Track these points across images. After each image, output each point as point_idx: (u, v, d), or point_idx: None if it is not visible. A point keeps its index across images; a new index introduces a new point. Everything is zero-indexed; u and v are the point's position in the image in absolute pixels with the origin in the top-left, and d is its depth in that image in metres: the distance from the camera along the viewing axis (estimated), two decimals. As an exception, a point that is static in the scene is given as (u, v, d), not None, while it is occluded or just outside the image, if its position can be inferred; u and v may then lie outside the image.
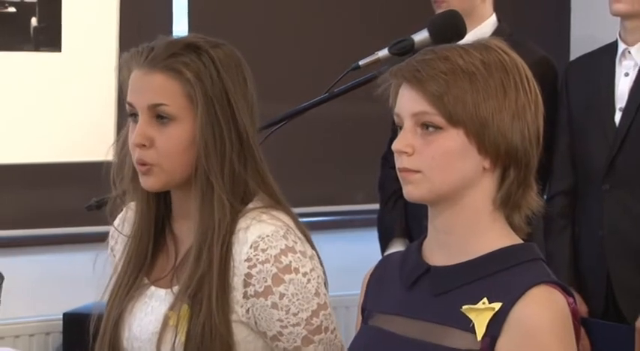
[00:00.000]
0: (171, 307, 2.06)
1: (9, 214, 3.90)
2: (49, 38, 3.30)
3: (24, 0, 3.24)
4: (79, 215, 3.02)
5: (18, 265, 3.74)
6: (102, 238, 3.39)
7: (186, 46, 2.07)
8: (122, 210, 2.22)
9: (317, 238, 2.17)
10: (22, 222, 3.98)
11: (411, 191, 1.87)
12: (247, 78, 2.11)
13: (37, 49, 3.29)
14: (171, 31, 4.04)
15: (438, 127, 1.84)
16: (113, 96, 3.34)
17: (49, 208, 3.96)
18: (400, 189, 1.88)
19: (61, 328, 3.92)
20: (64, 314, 3.91)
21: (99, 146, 3.34)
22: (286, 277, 2.03)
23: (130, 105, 2.08)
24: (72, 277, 3.90)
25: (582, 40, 4.39)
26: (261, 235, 2.04)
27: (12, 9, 3.24)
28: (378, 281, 2.01)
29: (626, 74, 3.56)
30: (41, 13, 3.28)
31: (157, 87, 2.06)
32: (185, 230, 2.12)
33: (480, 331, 1.79)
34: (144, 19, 3.73)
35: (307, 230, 2.13)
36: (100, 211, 2.80)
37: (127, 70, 2.10)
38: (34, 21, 3.28)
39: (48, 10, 3.28)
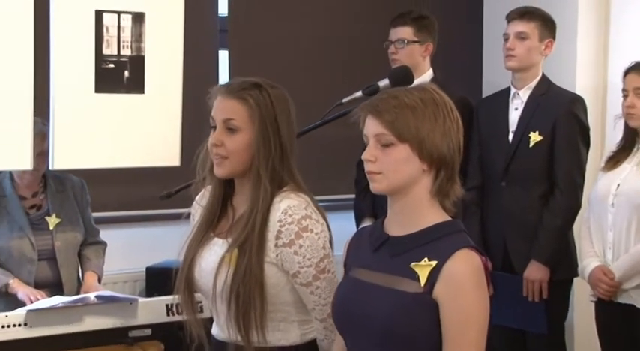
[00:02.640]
0: (227, 251, 2.05)
1: (110, 201, 3.88)
2: (136, 85, 3.27)
3: (120, 59, 3.22)
4: (154, 202, 2.99)
5: (115, 236, 3.71)
6: (171, 217, 3.35)
7: (252, 84, 2.09)
8: (201, 191, 2.23)
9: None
10: (118, 206, 3.96)
11: (376, 186, 1.85)
12: (290, 109, 2.11)
13: (128, 92, 3.26)
14: (217, 81, 4.04)
15: (391, 144, 1.81)
16: (178, 123, 3.33)
17: (134, 197, 3.94)
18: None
19: (144, 277, 3.89)
20: (146, 268, 3.88)
21: (167, 156, 3.35)
22: (304, 234, 2.02)
23: (212, 118, 2.10)
24: (150, 243, 3.88)
25: (490, 84, 4.39)
26: (289, 205, 2.03)
27: (112, 65, 3.22)
28: (355, 246, 1.99)
29: (516, 109, 3.53)
30: (131, 68, 3.26)
31: (230, 108, 2.06)
32: (240, 203, 2.12)
33: (423, 280, 1.77)
34: (198, 72, 3.72)
35: (320, 207, 2.11)
36: (170, 199, 2.79)
37: (214, 96, 2.12)
38: (126, 73, 3.26)
39: (135, 66, 3.26)
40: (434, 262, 1.77)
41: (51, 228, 3.37)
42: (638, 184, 3.14)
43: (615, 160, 3.26)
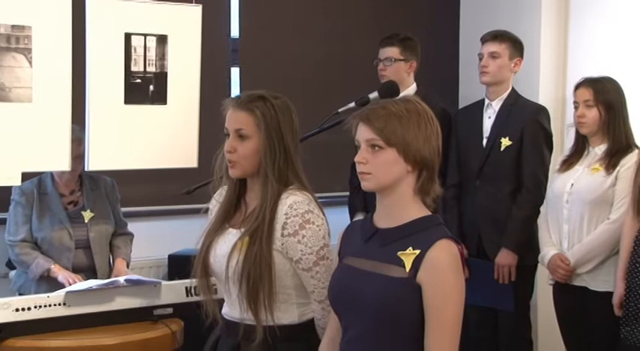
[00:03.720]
0: (240, 239, 2.04)
1: (137, 197, 3.86)
2: (159, 97, 3.27)
3: (146, 75, 3.22)
4: (175, 198, 2.98)
5: (141, 228, 3.69)
6: (190, 211, 3.31)
7: (258, 97, 2.07)
8: (219, 189, 2.21)
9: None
10: (144, 202, 3.94)
11: (366, 185, 1.84)
12: (293, 117, 2.09)
13: (152, 103, 3.26)
14: (229, 94, 4.03)
15: (380, 147, 1.80)
16: (196, 130, 3.33)
17: (158, 193, 3.92)
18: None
19: (166, 263, 3.86)
20: (169, 255, 3.85)
21: (186, 158, 3.34)
22: (307, 226, 2.01)
23: (226, 128, 2.09)
24: (172, 234, 3.86)
25: (465, 97, 4.38)
26: (295, 201, 2.02)
27: (139, 80, 3.22)
28: (348, 236, 1.97)
29: (489, 117, 3.52)
30: (155, 83, 3.26)
31: (239, 119, 2.05)
32: (252, 199, 2.10)
33: (408, 266, 1.76)
34: (213, 86, 3.70)
35: (319, 203, 2.10)
36: (189, 195, 2.77)
37: (226, 108, 2.10)
38: (151, 87, 3.26)
39: (159, 81, 3.26)
40: (417, 251, 1.76)
41: (86, 221, 3.38)
42: (589, 183, 3.16)
43: (569, 162, 3.28)
